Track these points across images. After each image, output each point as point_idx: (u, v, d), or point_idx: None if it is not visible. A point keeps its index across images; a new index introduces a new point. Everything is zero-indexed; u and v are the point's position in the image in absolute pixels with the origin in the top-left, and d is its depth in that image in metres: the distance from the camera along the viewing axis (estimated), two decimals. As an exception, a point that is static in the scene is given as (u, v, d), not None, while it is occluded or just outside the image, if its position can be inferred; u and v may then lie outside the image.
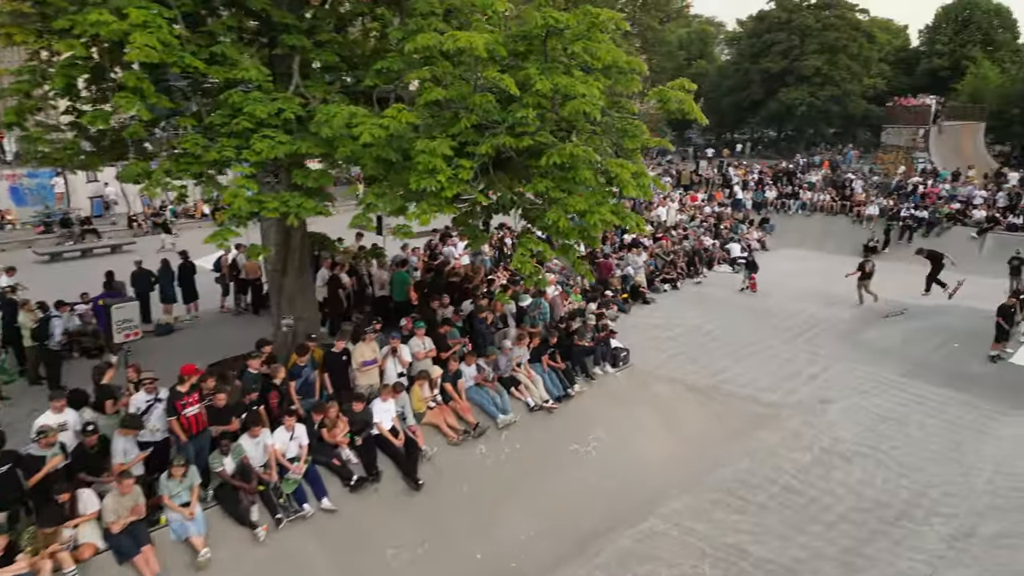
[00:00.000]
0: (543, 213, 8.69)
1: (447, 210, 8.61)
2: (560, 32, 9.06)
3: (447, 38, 7.80)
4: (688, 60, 67.88)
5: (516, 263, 8.68)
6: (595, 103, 8.31)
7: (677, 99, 9.32)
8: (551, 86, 8.35)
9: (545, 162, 8.31)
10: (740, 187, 33.54)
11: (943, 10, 64.01)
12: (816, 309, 21.46)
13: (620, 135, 9.49)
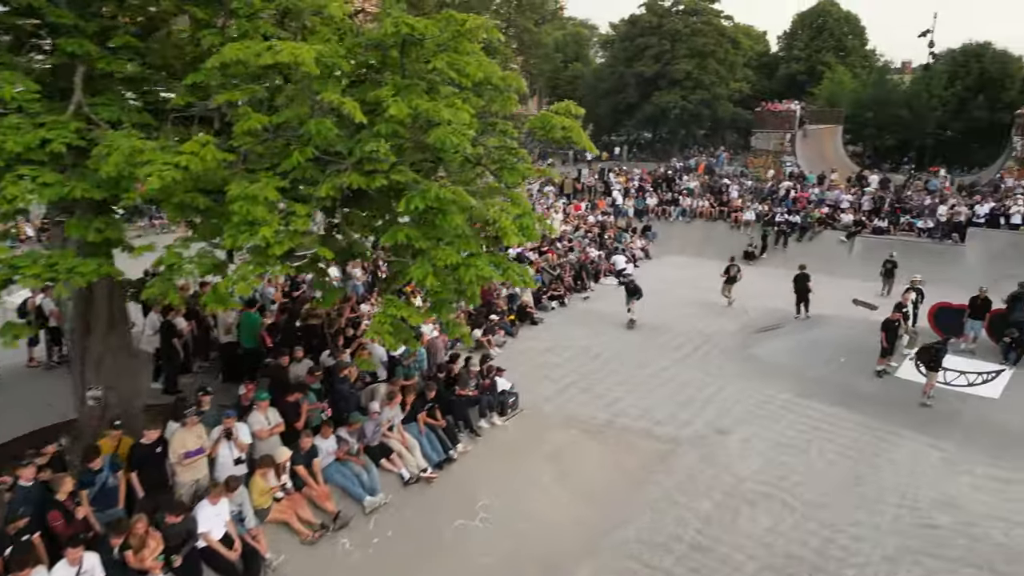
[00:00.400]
0: (406, 267, 6.93)
1: (278, 270, 6.67)
2: (419, 43, 7.34)
3: (263, 49, 5.87)
4: (564, 63, 68.01)
5: (371, 333, 6.88)
6: (464, 131, 6.65)
7: (562, 125, 7.80)
8: (408, 110, 6.60)
9: (405, 207, 6.55)
10: (621, 194, 33.14)
11: (799, 17, 67.55)
12: (704, 323, 20.98)
13: (498, 167, 7.86)
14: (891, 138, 51.67)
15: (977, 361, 15.43)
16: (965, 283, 24.58)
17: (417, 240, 6.76)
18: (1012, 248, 25.14)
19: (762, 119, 39.04)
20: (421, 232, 6.81)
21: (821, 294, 24.00)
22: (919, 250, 26.39)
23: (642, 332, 20.15)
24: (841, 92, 54.13)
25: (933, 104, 49.13)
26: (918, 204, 28.00)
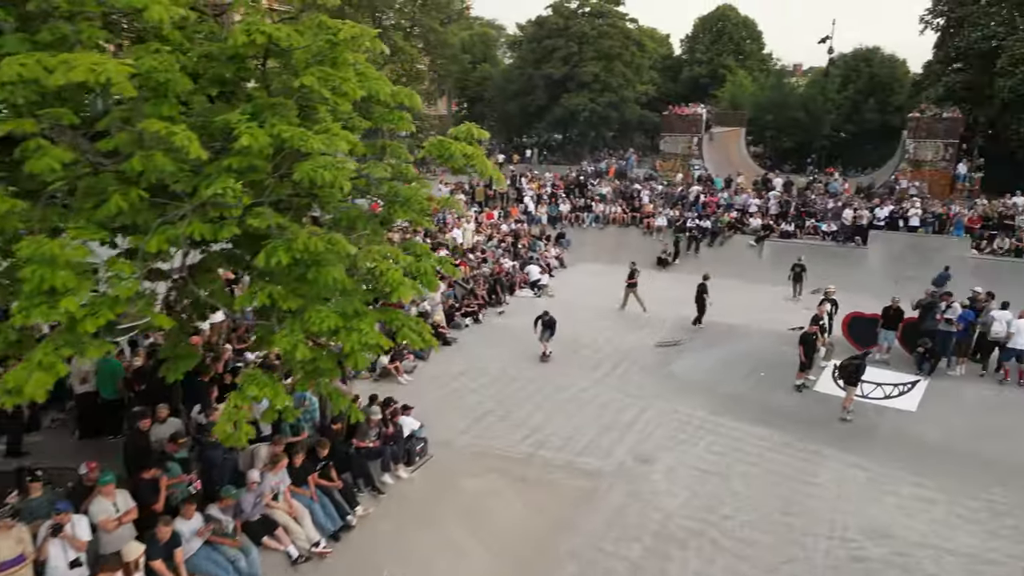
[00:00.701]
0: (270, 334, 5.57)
1: (90, 352, 5.16)
2: (284, 54, 5.99)
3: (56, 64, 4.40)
4: (473, 63, 66.88)
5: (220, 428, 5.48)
6: (339, 165, 5.36)
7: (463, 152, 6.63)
8: (268, 139, 5.25)
9: (266, 261, 5.20)
10: (534, 201, 32.32)
11: (700, 21, 69.15)
12: (622, 336, 20.34)
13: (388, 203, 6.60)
14: (789, 140, 53.41)
15: (893, 372, 15.37)
16: (870, 285, 25.21)
17: (284, 300, 5.42)
18: (911, 250, 25.91)
19: (669, 123, 39.21)
20: (289, 290, 5.46)
21: (736, 301, 23.97)
22: (825, 253, 26.84)
23: (560, 347, 19.26)
24: (742, 95, 55.54)
25: (828, 107, 51.04)
26: (822, 208, 28.53)
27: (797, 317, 22.36)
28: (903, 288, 24.76)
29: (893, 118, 50.80)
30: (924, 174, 32.98)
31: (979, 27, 34.30)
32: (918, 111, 33.75)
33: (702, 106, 39.93)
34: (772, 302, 24.26)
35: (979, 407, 14.24)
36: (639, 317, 22.11)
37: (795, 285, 24.78)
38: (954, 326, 15.05)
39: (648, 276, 27.27)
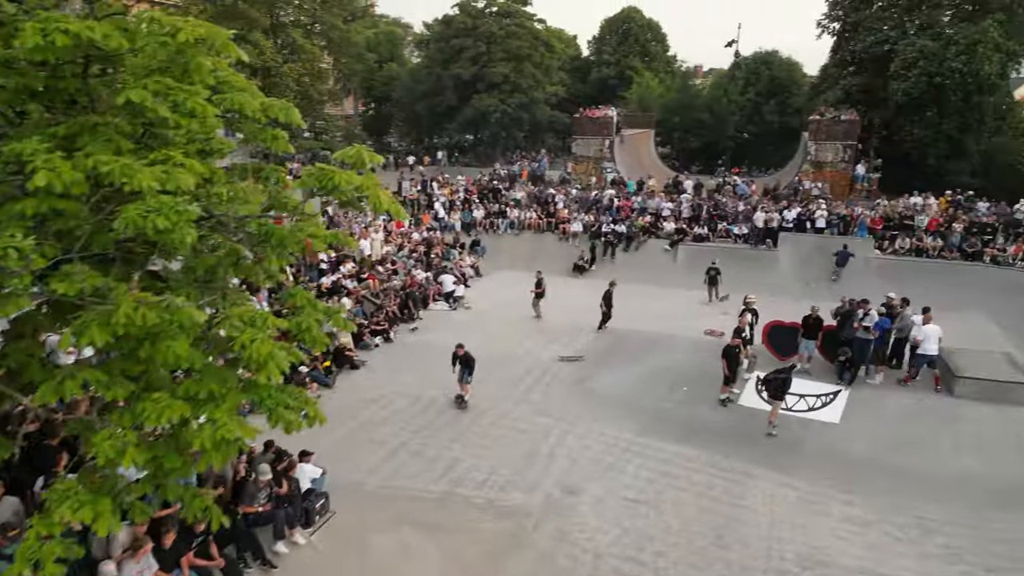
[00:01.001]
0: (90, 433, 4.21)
1: None
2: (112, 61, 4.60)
3: None
4: (379, 63, 64.83)
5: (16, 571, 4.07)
6: (178, 207, 4.05)
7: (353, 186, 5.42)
8: (76, 175, 3.88)
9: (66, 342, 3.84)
10: (446, 207, 31.11)
11: (606, 22, 69.70)
12: (541, 349, 19.48)
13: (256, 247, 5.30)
14: (696, 140, 54.39)
15: (815, 383, 15.15)
16: (783, 288, 25.51)
17: (106, 389, 4.07)
18: (818, 251, 26.34)
19: (581, 125, 38.84)
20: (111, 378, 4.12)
21: (654, 309, 23.65)
22: (738, 256, 26.97)
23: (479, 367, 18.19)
24: (650, 96, 56.15)
25: (731, 108, 52.19)
26: (732, 210, 28.71)
27: (714, 322, 22.31)
28: (814, 290, 25.43)
29: (792, 120, 52.52)
30: (825, 175, 33.91)
31: (873, 32, 35.65)
32: (818, 114, 34.69)
33: (613, 108, 39.78)
34: (689, 308, 24.07)
35: (900, 416, 14.18)
36: (557, 328, 21.32)
37: (711, 289, 24.71)
38: (871, 334, 14.98)
39: (565, 283, 26.73)
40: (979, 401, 14.04)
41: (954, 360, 14.95)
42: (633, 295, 25.13)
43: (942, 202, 28.57)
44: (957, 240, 25.03)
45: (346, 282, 22.10)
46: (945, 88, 32.08)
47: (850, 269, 25.57)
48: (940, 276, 24.42)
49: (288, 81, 47.18)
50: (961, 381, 14.08)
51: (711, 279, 24.74)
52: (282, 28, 50.13)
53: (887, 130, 35.76)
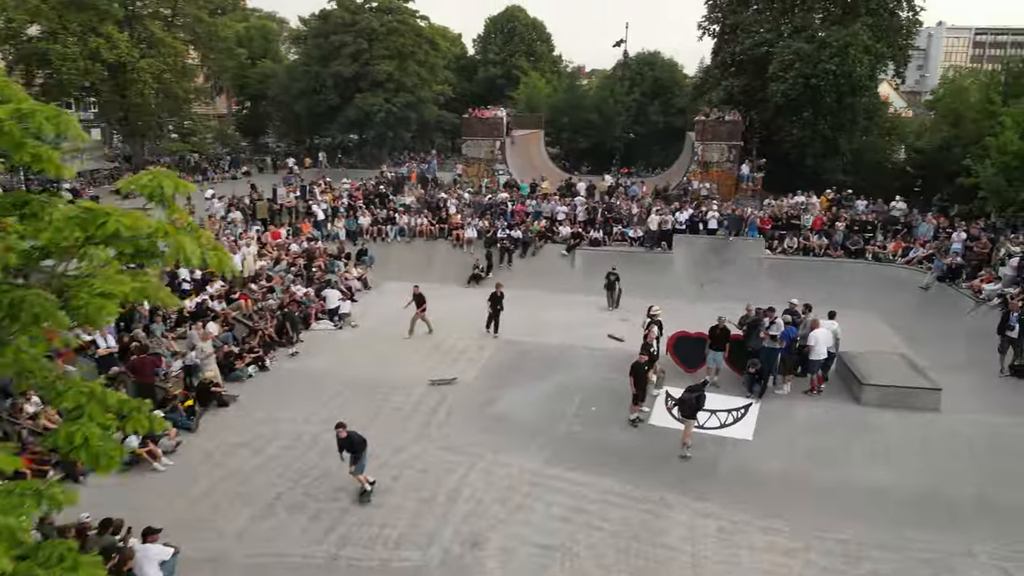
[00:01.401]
0: None
1: None
2: None
3: None
4: (251, 59, 60.74)
5: None
6: None
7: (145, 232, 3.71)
8: None
9: None
10: (328, 214, 28.85)
11: (490, 21, 68.88)
12: (438, 370, 17.93)
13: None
14: (585, 141, 54.44)
15: (724, 396, 14.52)
16: (679, 290, 25.14)
17: None
18: (712, 253, 26.32)
19: (470, 126, 37.51)
20: None
21: (555, 318, 22.65)
22: (634, 260, 26.50)
23: (368, 392, 16.47)
24: (538, 97, 55.72)
25: (618, 109, 52.53)
26: (627, 213, 28.28)
27: (616, 328, 21.59)
28: (708, 291, 25.36)
29: (676, 120, 53.60)
30: (713, 175, 34.35)
31: (750, 34, 36.50)
32: (703, 114, 35.10)
33: (502, 109, 38.71)
34: (590, 315, 23.27)
35: (811, 428, 13.78)
36: (457, 345, 19.86)
37: (610, 295, 24.08)
38: (778, 343, 14.53)
39: (462, 294, 25.31)
40: (884, 408, 13.87)
41: (857, 365, 14.78)
42: (533, 303, 24.13)
43: (823, 201, 29.40)
44: (841, 238, 25.65)
45: (214, 304, 19.62)
46: (820, 89, 33.21)
47: (742, 270, 25.69)
48: (827, 274, 24.94)
49: (146, 77, 42.96)
50: (867, 389, 13.86)
51: (610, 284, 24.12)
52: (138, 20, 45.63)
53: (767, 130, 36.71)
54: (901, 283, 23.63)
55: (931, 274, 22.54)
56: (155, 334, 17.47)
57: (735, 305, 23.67)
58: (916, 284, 23.05)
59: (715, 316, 22.51)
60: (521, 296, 24.53)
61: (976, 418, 13.38)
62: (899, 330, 20.90)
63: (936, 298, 22.03)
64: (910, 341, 20.12)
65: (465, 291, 25.82)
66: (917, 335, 20.42)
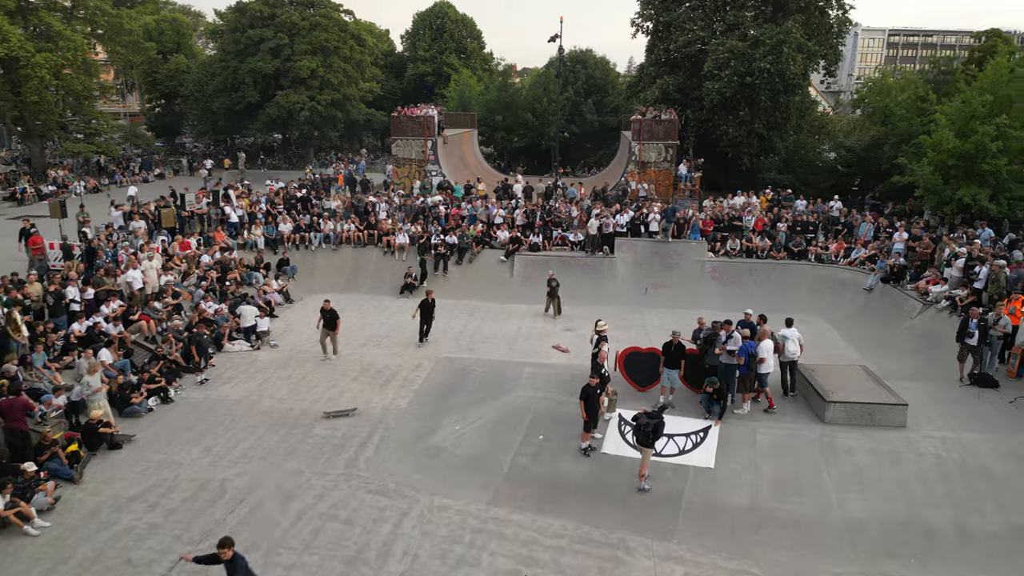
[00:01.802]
0: None
1: None
2: None
3: None
4: (163, 54, 56.93)
5: None
6: None
7: None
8: None
9: None
10: (246, 221, 26.54)
11: (419, 17, 66.91)
12: (369, 395, 16.23)
13: None
14: (520, 140, 53.24)
15: (681, 419, 13.33)
16: (623, 296, 24.23)
17: None
18: (654, 256, 25.40)
19: (400, 125, 35.62)
20: None
21: (496, 330, 21.25)
22: (575, 265, 25.36)
23: (288, 427, 14.62)
24: (470, 95, 54.21)
25: (552, 108, 51.45)
26: (567, 216, 27.07)
27: (561, 339, 20.33)
28: (652, 295, 24.43)
29: (611, 119, 53.03)
30: (651, 175, 33.60)
31: (684, 31, 35.98)
32: (639, 113, 34.30)
33: (432, 107, 36.96)
34: (532, 325, 21.96)
35: (776, 453, 12.73)
36: (390, 365, 18.14)
37: (550, 301, 22.87)
38: (737, 359, 13.46)
39: (395, 306, 23.58)
40: (849, 426, 12.96)
41: (818, 380, 13.86)
42: (472, 314, 22.70)
43: (762, 201, 28.96)
44: (783, 239, 25.13)
45: (108, 327, 17.28)
46: (755, 88, 32.88)
47: (686, 273, 24.88)
48: (772, 276, 24.39)
49: (43, 73, 39.20)
50: (831, 407, 12.94)
51: (551, 291, 22.90)
52: (33, 12, 41.67)
53: (703, 129, 36.25)
54: (844, 284, 23.23)
55: (874, 275, 22.16)
56: (35, 365, 15.12)
57: (682, 311, 23.12)
58: (860, 285, 22.66)
59: (661, 323, 22.03)
60: (458, 306, 23.17)
61: (945, 436, 12.62)
62: (847, 334, 20.41)
63: (880, 300, 21.64)
64: (859, 346, 19.63)
65: (398, 302, 24.09)
66: (866, 339, 19.96)
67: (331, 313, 18.24)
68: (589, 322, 22.17)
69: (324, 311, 18.27)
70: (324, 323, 18.25)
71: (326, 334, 18.34)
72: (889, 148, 32.05)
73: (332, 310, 18.27)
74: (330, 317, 18.22)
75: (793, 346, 14.67)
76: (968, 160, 23.95)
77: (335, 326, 18.33)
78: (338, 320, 18.36)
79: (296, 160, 57.80)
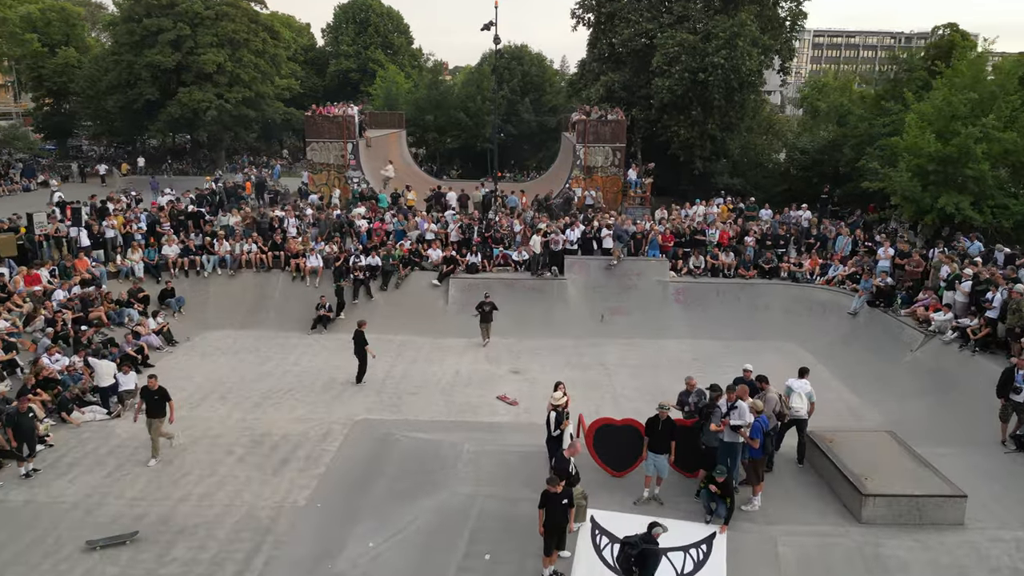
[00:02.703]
0: None
1: None
2: None
3: None
4: (49, 47, 50.43)
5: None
6: None
7: None
8: None
9: None
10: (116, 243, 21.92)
11: (340, 10, 62.39)
12: (257, 485, 12.21)
13: None
14: (453, 142, 49.45)
15: (676, 523, 9.84)
16: (576, 325, 20.85)
17: None
18: (609, 277, 22.13)
19: (316, 126, 31.35)
20: None
21: (426, 374, 17.50)
22: (521, 289, 21.85)
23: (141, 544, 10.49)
24: (397, 92, 50.12)
25: (488, 107, 47.85)
26: (508, 232, 23.52)
27: (507, 387, 16.80)
28: (609, 323, 21.19)
29: (548, 119, 49.85)
30: (597, 181, 30.50)
31: (630, 23, 32.95)
32: (583, 113, 31.11)
33: (352, 105, 32.79)
34: (472, 366, 18.38)
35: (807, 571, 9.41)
36: (290, 434, 14.13)
37: (483, 326, 19.54)
38: (744, 437, 10.10)
39: (300, 344, 19.57)
40: (895, 527, 9.80)
41: (843, 459, 10.69)
42: (399, 354, 18.91)
43: (723, 210, 26.13)
44: (752, 254, 22.29)
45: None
46: (708, 85, 30.11)
47: (647, 296, 21.74)
48: (741, 297, 21.54)
49: None
50: (870, 503, 9.79)
51: (484, 315, 19.50)
52: None
53: (652, 130, 33.31)
54: (824, 307, 20.50)
55: (859, 298, 19.47)
56: None
57: (644, 341, 19.94)
58: (842, 309, 19.97)
59: (623, 359, 18.73)
60: (383, 343, 19.13)
61: (1019, 537, 9.60)
62: (836, 369, 17.62)
63: (868, 327, 18.96)
64: (853, 385, 16.82)
65: (307, 340, 20.10)
66: (859, 377, 17.15)
67: (159, 394, 12.81)
68: (538, 360, 18.85)
69: (147, 392, 12.85)
70: (147, 409, 12.79)
71: (151, 425, 12.81)
72: (849, 150, 29.80)
73: (161, 389, 12.87)
74: (158, 400, 12.81)
75: (799, 402, 11.56)
76: (949, 165, 21.63)
77: (163, 411, 12.89)
78: (170, 403, 12.97)
79: (206, 164, 52.36)
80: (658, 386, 16.91)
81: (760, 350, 19.15)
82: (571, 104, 39.65)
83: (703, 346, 19.74)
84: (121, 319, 18.93)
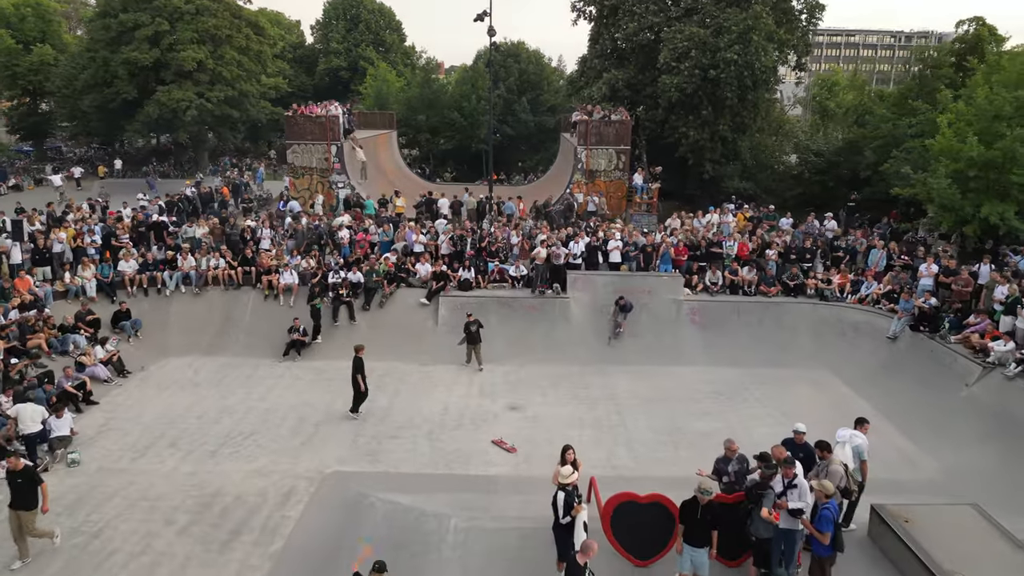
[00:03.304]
0: None
1: None
2: None
3: None
4: (24, 44, 48.09)
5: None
6: None
7: None
8: None
9: None
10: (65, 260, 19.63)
11: (331, 6, 60.20)
12: (195, 569, 9.96)
13: None
14: (447, 143, 47.21)
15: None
16: (580, 348, 18.66)
17: None
18: (618, 294, 19.82)
19: (297, 127, 29.08)
20: None
21: (414, 412, 15.24)
22: (519, 308, 19.65)
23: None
24: (389, 92, 47.86)
25: (483, 107, 45.70)
26: (505, 244, 21.29)
27: (503, 428, 14.59)
28: (617, 347, 19.01)
29: (547, 119, 47.67)
30: (600, 186, 28.33)
31: (634, 17, 30.72)
32: (585, 113, 28.90)
33: (337, 104, 30.52)
34: (463, 401, 16.19)
35: None
36: (243, 496, 11.90)
37: (470, 348, 17.44)
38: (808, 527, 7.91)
39: (272, 375, 17.32)
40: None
41: (924, 546, 8.51)
42: (381, 384, 16.67)
43: (740, 219, 23.94)
44: (775, 269, 20.13)
45: None
46: (720, 83, 27.92)
47: (659, 317, 19.58)
48: (764, 319, 19.36)
49: None
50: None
51: (471, 335, 17.39)
52: None
53: (658, 132, 31.10)
54: (859, 330, 18.32)
55: (899, 320, 17.28)
56: None
57: (658, 369, 17.74)
58: (880, 332, 17.76)
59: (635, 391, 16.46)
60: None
61: None
62: (878, 403, 15.40)
63: (912, 353, 16.75)
64: (900, 424, 14.62)
65: (279, 369, 17.87)
66: (907, 415, 14.93)
67: (23, 476, 9.86)
68: (539, 392, 16.60)
69: (10, 476, 9.92)
70: (11, 499, 9.88)
71: (17, 519, 9.85)
72: (870, 152, 27.67)
73: (27, 470, 10.06)
74: (23, 485, 9.84)
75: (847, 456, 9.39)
76: (992, 170, 19.49)
77: (34, 501, 9.91)
78: (42, 486, 10.07)
79: (188, 166, 50.08)
80: (675, 426, 14.88)
81: (789, 380, 17.06)
82: (571, 103, 37.41)
83: (723, 375, 17.55)
84: (65, 347, 16.67)
